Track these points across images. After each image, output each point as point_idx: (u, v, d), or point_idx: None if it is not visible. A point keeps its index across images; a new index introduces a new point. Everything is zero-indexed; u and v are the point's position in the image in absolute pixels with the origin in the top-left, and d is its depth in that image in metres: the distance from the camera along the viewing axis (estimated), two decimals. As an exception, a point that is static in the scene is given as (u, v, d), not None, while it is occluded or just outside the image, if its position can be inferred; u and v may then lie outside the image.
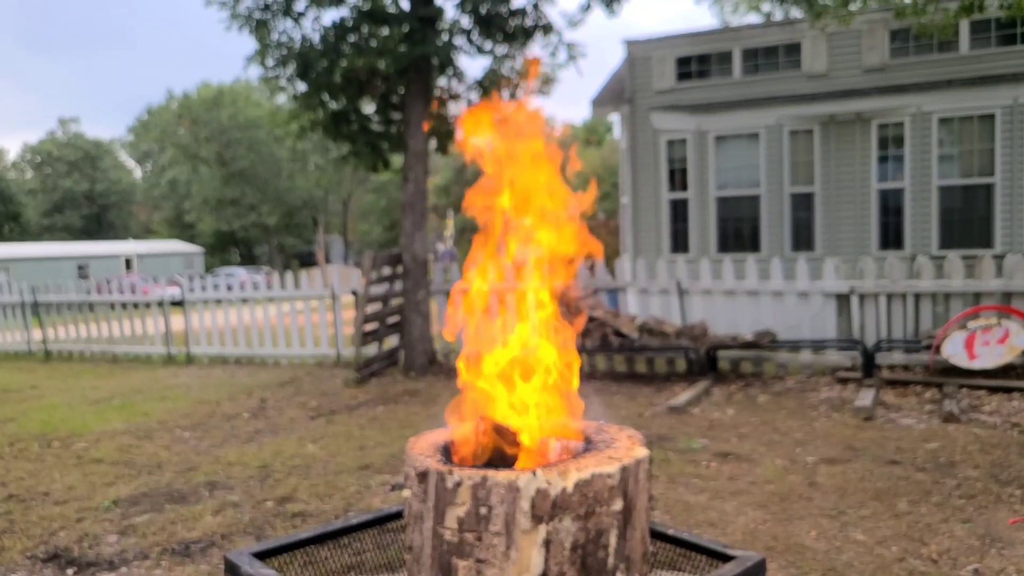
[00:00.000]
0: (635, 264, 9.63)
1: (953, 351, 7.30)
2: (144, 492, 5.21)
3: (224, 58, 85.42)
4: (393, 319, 9.88)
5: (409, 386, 8.83)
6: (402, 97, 9.87)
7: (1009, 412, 6.46)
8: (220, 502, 4.93)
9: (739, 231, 12.97)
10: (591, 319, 8.45)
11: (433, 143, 10.46)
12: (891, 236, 12.02)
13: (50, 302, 13.35)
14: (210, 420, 7.48)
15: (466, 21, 9.76)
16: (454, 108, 10.67)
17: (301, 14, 9.52)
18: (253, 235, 52.16)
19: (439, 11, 9.42)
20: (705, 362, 8.39)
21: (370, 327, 9.41)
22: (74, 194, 59.40)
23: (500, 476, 2.01)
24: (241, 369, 10.79)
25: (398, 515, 2.79)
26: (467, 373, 2.40)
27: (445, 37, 9.61)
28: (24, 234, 57.35)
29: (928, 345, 7.62)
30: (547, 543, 2.00)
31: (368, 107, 10.47)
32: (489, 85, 10.16)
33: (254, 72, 49.56)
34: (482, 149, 2.49)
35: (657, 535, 2.58)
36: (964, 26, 11.20)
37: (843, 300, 8.36)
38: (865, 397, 6.95)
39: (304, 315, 11.22)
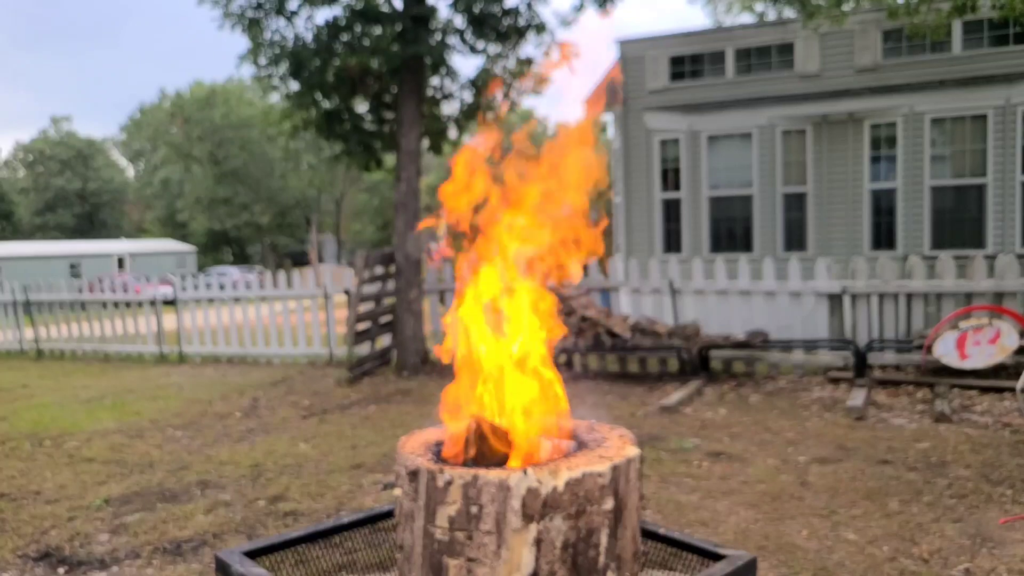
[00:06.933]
0: (628, 264, 9.64)
1: (944, 351, 7.32)
2: (136, 491, 5.20)
3: (217, 57, 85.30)
4: (386, 318, 9.87)
5: (401, 385, 8.82)
6: (395, 96, 9.86)
7: (1000, 412, 6.49)
8: (212, 501, 4.92)
9: (732, 231, 12.98)
10: (583, 319, 8.46)
11: (426, 142, 10.44)
12: (883, 236, 12.05)
13: (42, 301, 13.31)
14: (202, 419, 7.46)
15: (459, 20, 9.77)
16: (447, 107, 10.68)
17: (294, 13, 9.50)
18: (246, 234, 52.06)
19: (432, 10, 9.41)
20: (697, 362, 8.40)
21: (362, 326, 9.40)
22: (66, 193, 59.21)
23: (491, 475, 2.01)
24: (233, 368, 10.77)
25: (389, 514, 2.78)
26: (459, 372, 2.40)
27: (438, 36, 9.60)
28: (16, 233, 57.18)
29: (920, 345, 7.64)
30: (538, 542, 2.00)
31: (361, 106, 10.45)
32: (482, 84, 10.16)
33: (247, 71, 49.41)
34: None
35: (648, 534, 2.58)
36: (957, 27, 11.23)
37: (835, 300, 8.38)
38: (857, 397, 6.97)
39: (297, 314, 11.20)
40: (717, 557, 2.40)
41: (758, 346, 8.19)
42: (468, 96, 10.42)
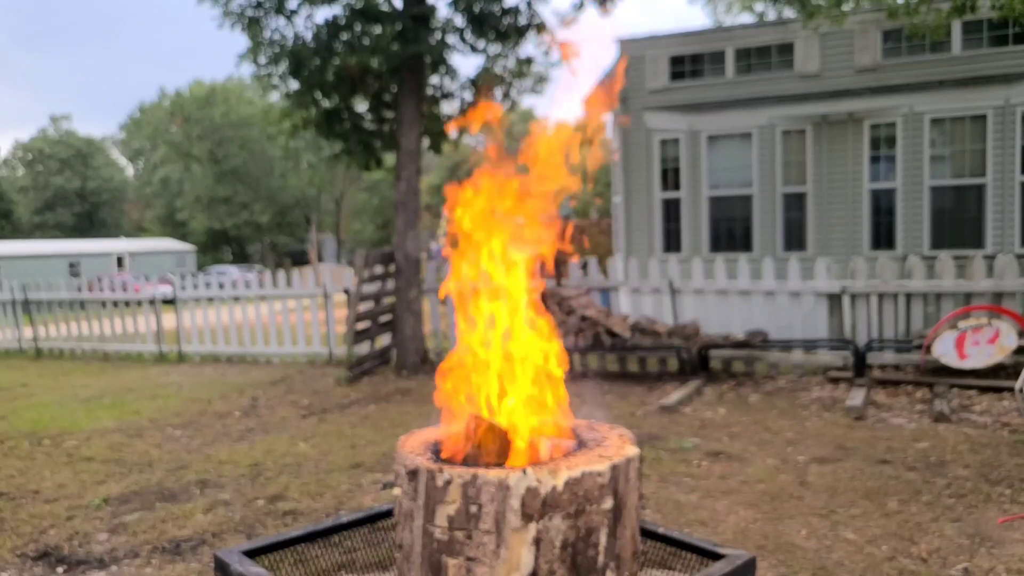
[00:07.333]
0: (627, 263, 9.64)
1: (944, 351, 7.32)
2: (135, 490, 5.20)
3: (217, 56, 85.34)
4: (385, 318, 9.87)
5: (401, 385, 8.82)
6: (395, 95, 9.86)
7: (999, 412, 6.49)
8: (211, 500, 4.92)
9: (731, 231, 12.98)
10: (583, 318, 8.45)
11: (426, 142, 10.44)
12: (883, 236, 12.05)
13: (41, 300, 13.30)
14: (201, 418, 7.46)
15: (459, 19, 9.76)
16: (447, 107, 10.67)
17: (294, 12, 9.49)
18: (245, 233, 52.03)
19: (432, 9, 9.41)
20: (697, 361, 8.40)
21: (362, 326, 9.39)
22: (66, 192, 59.19)
23: (490, 474, 2.01)
24: (233, 367, 10.76)
25: (389, 513, 2.78)
26: (457, 372, 2.40)
27: (438, 35, 9.59)
28: (15, 232, 57.15)
29: (919, 345, 7.64)
30: (537, 541, 2.00)
31: (361, 105, 10.45)
32: (482, 84, 10.16)
33: (246, 70, 49.38)
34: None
35: (648, 534, 2.58)
36: (956, 27, 11.23)
37: (835, 300, 8.38)
38: (856, 397, 6.97)
39: (296, 313, 11.20)
40: (716, 556, 2.40)
41: (758, 346, 8.19)
42: (468, 95, 10.42)
